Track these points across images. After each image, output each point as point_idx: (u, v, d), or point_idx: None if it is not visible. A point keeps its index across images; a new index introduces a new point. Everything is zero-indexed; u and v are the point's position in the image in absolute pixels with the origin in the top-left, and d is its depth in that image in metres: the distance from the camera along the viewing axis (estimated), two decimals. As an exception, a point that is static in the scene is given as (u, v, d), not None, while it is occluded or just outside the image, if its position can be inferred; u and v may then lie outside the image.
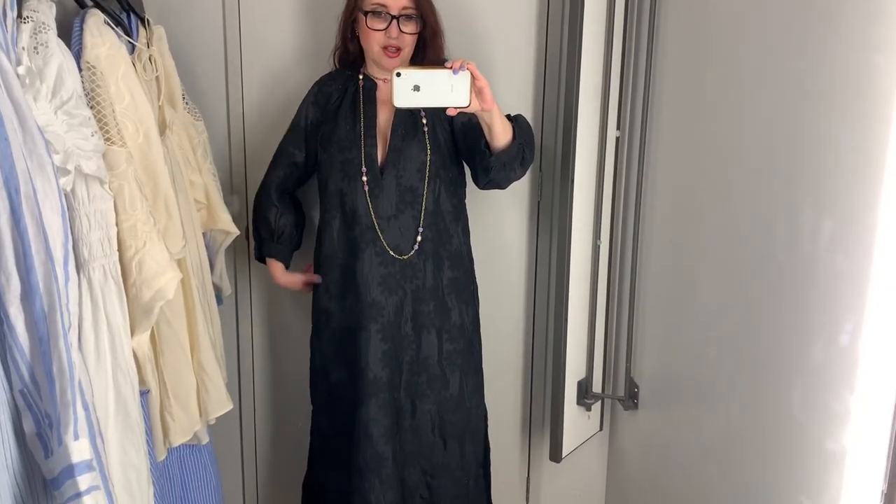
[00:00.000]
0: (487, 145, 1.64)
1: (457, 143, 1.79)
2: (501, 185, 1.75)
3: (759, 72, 1.31)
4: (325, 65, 1.90)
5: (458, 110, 1.48)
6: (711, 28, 1.52)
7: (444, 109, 1.50)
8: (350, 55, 1.83)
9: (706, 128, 1.56)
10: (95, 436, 1.18)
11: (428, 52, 1.76)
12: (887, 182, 0.98)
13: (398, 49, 1.71)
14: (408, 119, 1.77)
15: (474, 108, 1.49)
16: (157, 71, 1.65)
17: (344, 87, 1.84)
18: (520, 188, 2.05)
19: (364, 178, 1.74)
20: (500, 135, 1.60)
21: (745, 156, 1.38)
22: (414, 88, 1.44)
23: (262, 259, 1.96)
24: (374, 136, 1.77)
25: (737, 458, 1.41)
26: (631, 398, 2.01)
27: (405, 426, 1.81)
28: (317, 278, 1.87)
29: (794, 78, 1.19)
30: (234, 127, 2.07)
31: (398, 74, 1.44)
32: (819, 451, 1.13)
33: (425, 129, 1.76)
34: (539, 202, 2.07)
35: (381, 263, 1.75)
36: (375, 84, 1.81)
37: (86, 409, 1.11)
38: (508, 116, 1.64)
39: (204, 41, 2.01)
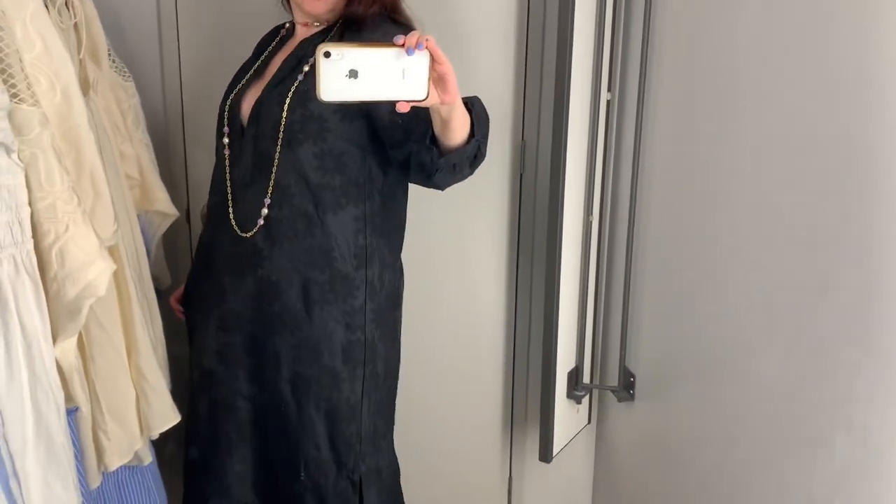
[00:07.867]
0: (434, 140, 1.25)
1: (370, 133, 1.38)
2: (439, 188, 1.35)
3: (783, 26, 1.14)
4: (274, 13, 1.59)
5: (412, 104, 1.05)
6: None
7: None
8: None
9: (719, 92, 1.37)
10: (9, 478, 0.93)
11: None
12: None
13: None
14: (295, 66, 1.39)
15: (432, 100, 1.07)
16: (74, 17, 1.38)
17: (274, 38, 1.54)
18: (498, 158, 1.83)
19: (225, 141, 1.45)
20: (458, 131, 1.20)
21: (769, 122, 1.20)
22: (349, 74, 1.01)
23: None
24: (246, 83, 1.44)
25: (741, 457, 1.31)
26: (626, 388, 1.84)
27: None
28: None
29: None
30: (169, 90, 1.81)
31: (326, 55, 0.99)
32: (833, 452, 1.04)
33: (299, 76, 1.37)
34: (522, 174, 1.86)
35: (232, 242, 1.43)
36: (293, 32, 1.48)
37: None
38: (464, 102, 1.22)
39: (132, -11, 1.74)
